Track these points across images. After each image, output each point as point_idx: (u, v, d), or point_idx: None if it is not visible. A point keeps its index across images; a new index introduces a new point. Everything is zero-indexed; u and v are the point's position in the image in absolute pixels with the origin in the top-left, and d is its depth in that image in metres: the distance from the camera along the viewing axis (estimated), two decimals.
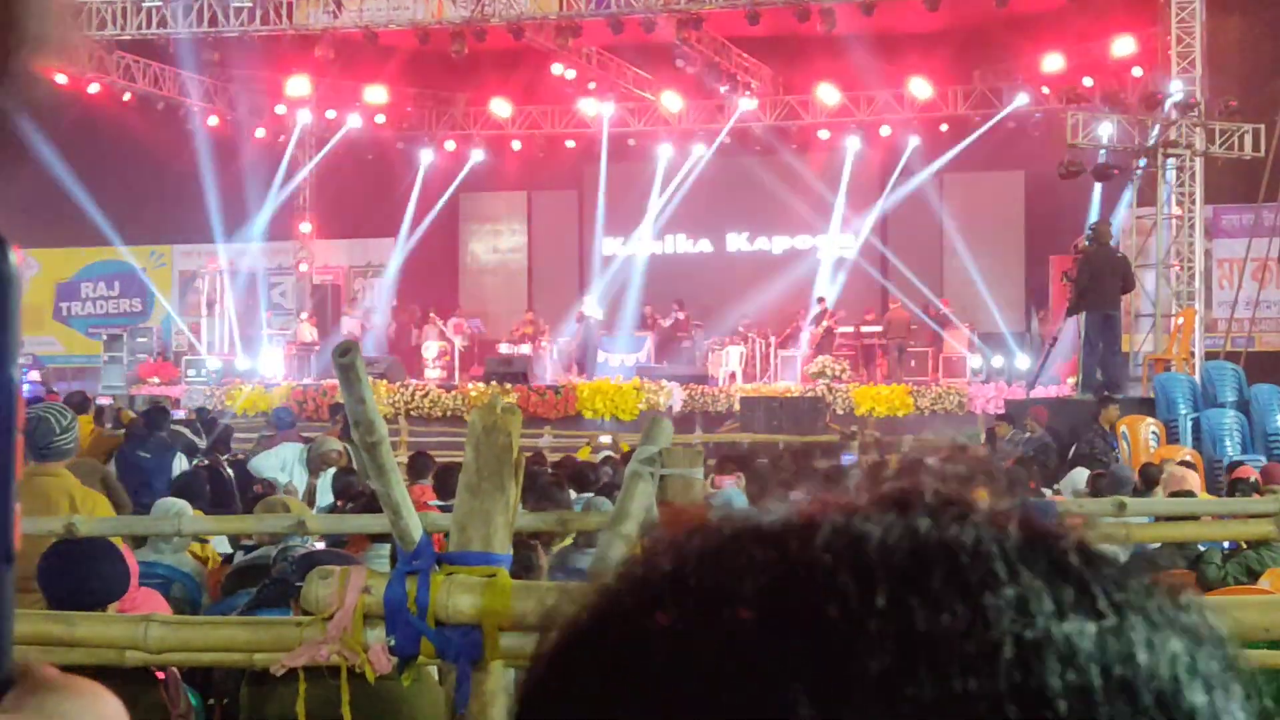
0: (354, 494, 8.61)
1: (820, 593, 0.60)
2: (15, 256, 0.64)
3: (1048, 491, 11.86)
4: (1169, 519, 5.73)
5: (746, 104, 27.43)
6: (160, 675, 4.25)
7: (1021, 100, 25.44)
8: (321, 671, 2.98)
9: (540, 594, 2.82)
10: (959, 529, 0.63)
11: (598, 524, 5.09)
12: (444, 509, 8.92)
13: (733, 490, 9.40)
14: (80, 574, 4.37)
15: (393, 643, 2.80)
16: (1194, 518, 5.70)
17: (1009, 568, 0.60)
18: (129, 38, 24.67)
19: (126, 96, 26.46)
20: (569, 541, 7.32)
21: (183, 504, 7.92)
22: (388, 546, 5.06)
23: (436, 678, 4.00)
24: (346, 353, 2.53)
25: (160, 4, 23.86)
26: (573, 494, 9.34)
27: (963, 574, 0.60)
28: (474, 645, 2.78)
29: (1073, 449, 14.98)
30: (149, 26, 24.23)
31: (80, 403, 13.18)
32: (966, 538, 0.62)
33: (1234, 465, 12.58)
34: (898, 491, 0.66)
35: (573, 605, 0.66)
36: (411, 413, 22.56)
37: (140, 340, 27.30)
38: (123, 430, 12.00)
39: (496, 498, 2.87)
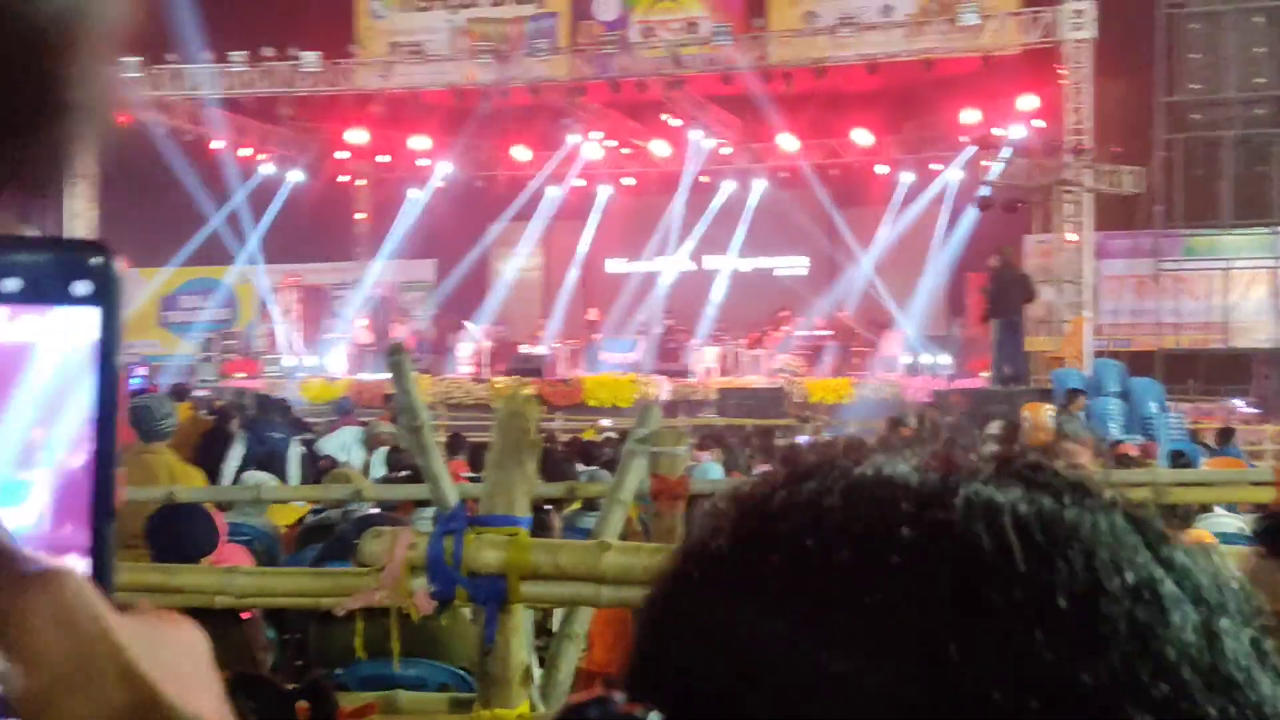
0: (402, 467, 8.59)
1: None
2: (122, 263, 0.64)
3: None
4: None
5: (723, 150, 27.42)
6: (245, 615, 4.25)
7: (945, 147, 25.43)
8: (376, 612, 2.98)
9: (553, 550, 2.81)
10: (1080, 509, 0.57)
11: (599, 492, 5.10)
12: (474, 480, 8.94)
13: (710, 463, 9.40)
14: (179, 532, 4.38)
15: (433, 589, 2.80)
16: None
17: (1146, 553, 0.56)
18: (218, 96, 24.63)
19: (218, 144, 26.42)
20: (577, 506, 7.33)
21: (265, 476, 7.92)
22: (430, 510, 5.08)
23: (470, 617, 3.99)
24: (396, 352, 2.53)
25: (244, 69, 23.83)
26: (580, 467, 9.34)
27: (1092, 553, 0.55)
28: (500, 591, 2.78)
29: (985, 429, 15.00)
30: (234, 88, 24.20)
31: (180, 393, 13.13)
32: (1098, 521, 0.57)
33: (1117, 443, 12.58)
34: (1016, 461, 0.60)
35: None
36: (448, 402, 22.53)
37: (228, 342, 27.29)
38: (214, 415, 11.95)
39: (517, 471, 2.86)
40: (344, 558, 5.80)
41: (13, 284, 0.61)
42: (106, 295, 0.62)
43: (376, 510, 6.23)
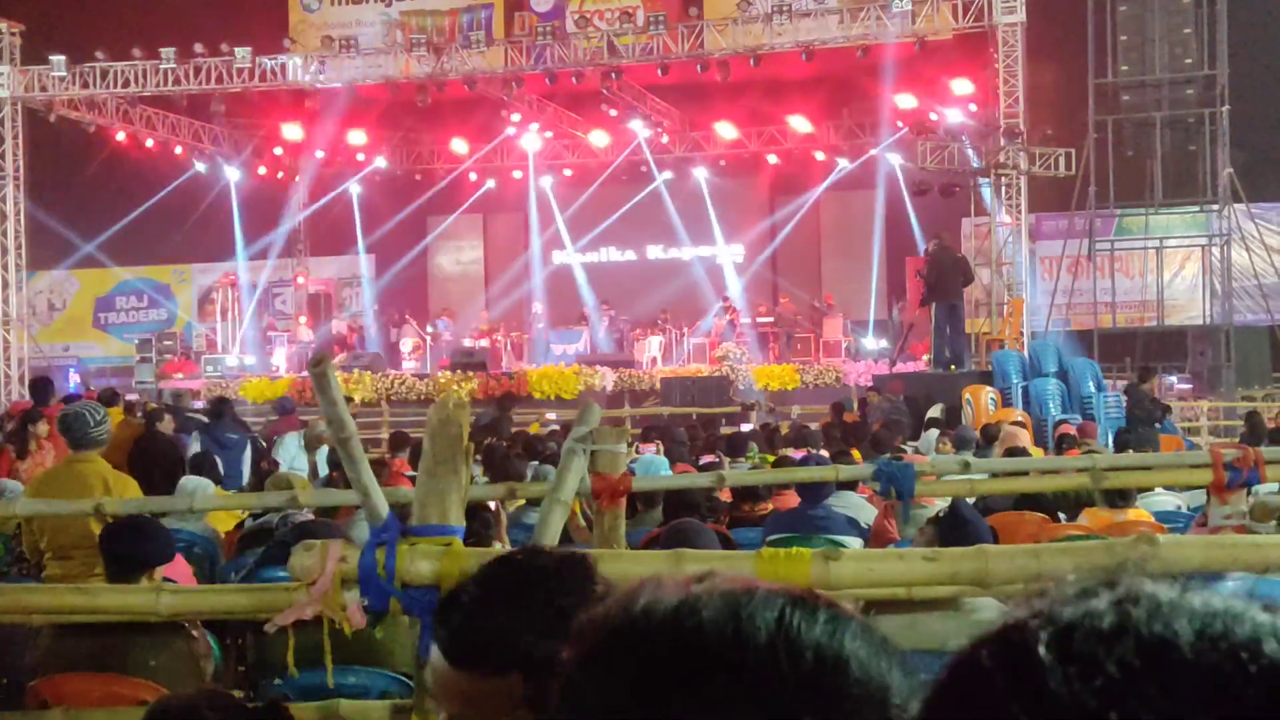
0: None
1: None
2: None
3: (909, 447, 11.95)
4: (1007, 474, 5.74)
5: (659, 138, 27.41)
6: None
7: (883, 131, 25.59)
8: (311, 622, 2.91)
9: (487, 559, 2.75)
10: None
11: (540, 492, 5.04)
12: (413, 478, 8.86)
13: (652, 455, 9.35)
14: (134, 546, 4.31)
15: (366, 602, 2.73)
16: (1024, 473, 5.74)
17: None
18: (149, 94, 24.26)
19: (149, 143, 26.03)
20: (521, 503, 7.27)
21: (201, 481, 7.78)
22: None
23: (407, 622, 3.92)
24: (319, 363, 2.46)
25: (174, 66, 23.44)
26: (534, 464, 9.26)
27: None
28: (434, 603, 2.71)
29: (927, 412, 15.07)
30: (165, 84, 23.81)
31: (110, 398, 12.87)
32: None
33: (1058, 423, 12.71)
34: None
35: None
36: (392, 398, 22.37)
37: (166, 343, 26.93)
38: (144, 419, 11.75)
39: (451, 479, 2.80)
40: (283, 562, 5.72)
41: None
42: None
43: (311, 517, 6.11)
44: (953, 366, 17.25)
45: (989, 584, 3.09)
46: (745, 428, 14.53)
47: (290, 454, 11.54)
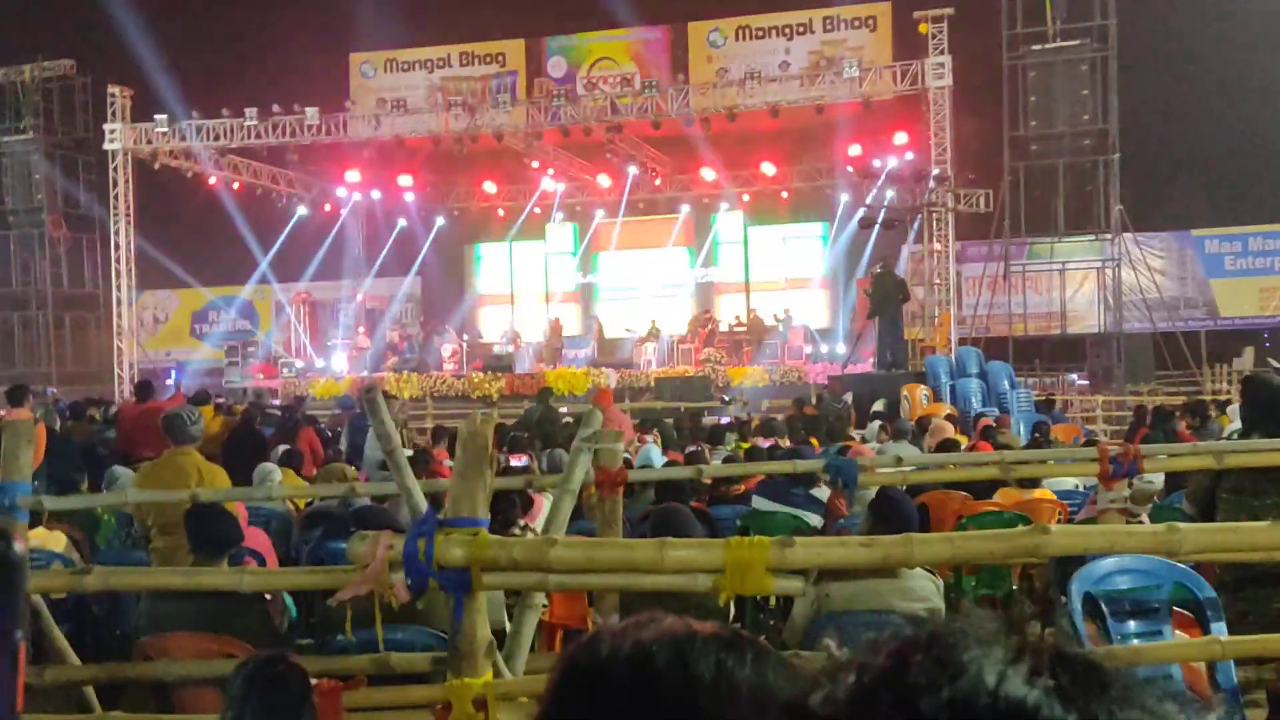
0: None
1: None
2: (20, 544, 0.60)
3: (857, 434, 11.97)
4: (934, 467, 5.74)
5: (653, 180, 27.41)
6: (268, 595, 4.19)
7: (837, 175, 25.60)
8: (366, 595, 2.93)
9: (508, 546, 2.77)
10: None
11: (552, 484, 5.06)
12: (453, 467, 8.86)
13: (651, 448, 9.32)
14: (209, 528, 4.33)
15: (409, 582, 2.75)
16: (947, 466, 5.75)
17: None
18: (236, 145, 24.25)
19: (236, 185, 26.01)
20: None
21: (271, 469, 7.77)
22: None
23: (444, 596, 3.94)
24: (370, 390, 2.48)
25: (256, 123, 23.45)
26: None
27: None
28: (465, 582, 2.73)
29: (872, 406, 15.04)
30: (249, 138, 23.81)
31: (203, 397, 12.84)
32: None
33: (979, 416, 12.68)
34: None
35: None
36: (434, 394, 22.34)
37: (250, 349, 26.89)
38: (240, 415, 11.74)
39: (477, 481, 2.81)
40: (342, 538, 5.74)
41: None
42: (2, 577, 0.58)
43: (368, 503, 6.13)
44: (893, 368, 17.26)
45: (914, 565, 3.11)
46: (724, 420, 14.50)
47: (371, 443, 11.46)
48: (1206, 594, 3.55)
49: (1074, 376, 22.48)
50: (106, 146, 24.50)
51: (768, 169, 25.94)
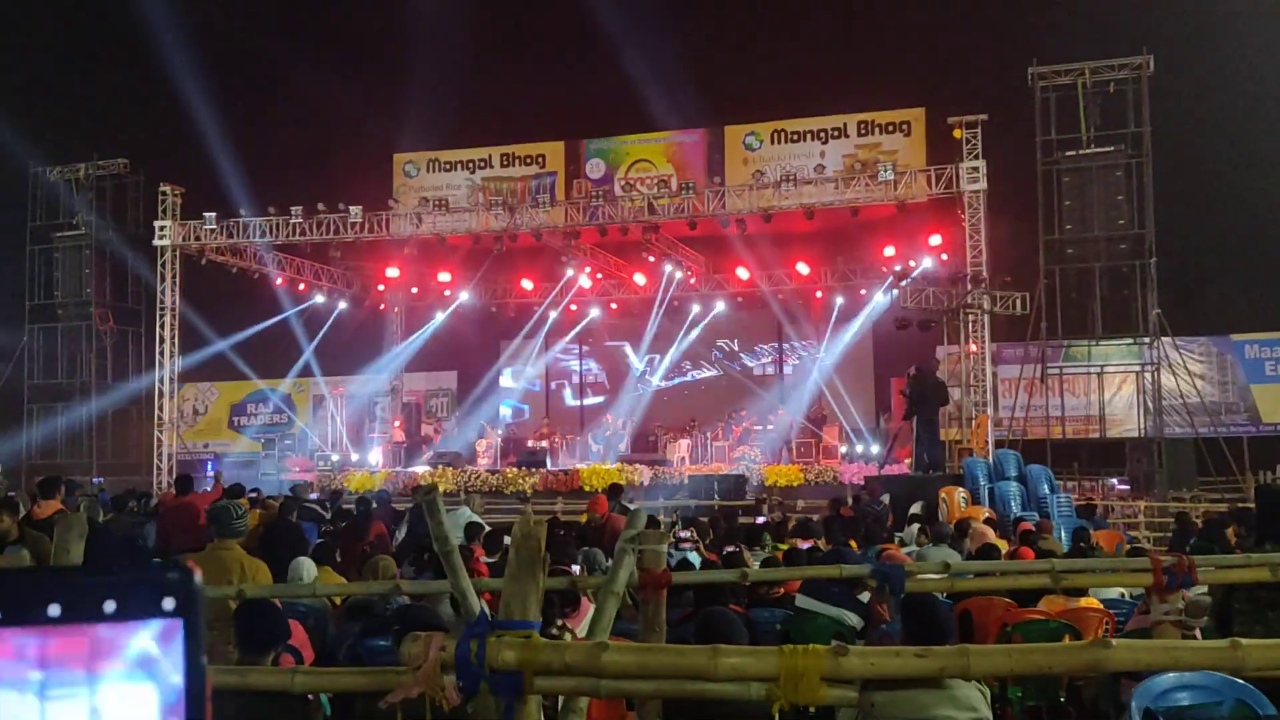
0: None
1: None
2: (199, 576, 0.63)
3: (896, 538, 11.79)
4: (980, 574, 5.66)
5: (689, 280, 27.70)
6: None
7: (871, 276, 25.73)
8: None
9: (561, 650, 2.76)
10: None
11: (595, 584, 5.03)
12: (489, 564, 8.82)
13: (690, 552, 9.23)
14: (258, 627, 4.35)
15: (461, 684, 2.74)
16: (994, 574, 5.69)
17: None
18: (280, 242, 24.75)
19: (279, 280, 26.47)
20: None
21: (306, 563, 7.75)
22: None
23: (494, 703, 3.90)
24: (429, 492, 2.51)
25: (301, 220, 23.97)
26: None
27: None
28: (516, 685, 2.72)
29: (910, 509, 14.86)
30: (294, 235, 24.32)
31: (238, 491, 12.91)
32: None
33: (1018, 520, 12.51)
34: None
35: None
36: (469, 488, 22.27)
37: (286, 442, 27.04)
38: (279, 507, 11.77)
39: (530, 584, 2.82)
40: (381, 635, 5.71)
41: (110, 605, 0.60)
42: (189, 608, 0.61)
43: (409, 601, 6.10)
44: (930, 470, 17.09)
45: (971, 677, 3.07)
46: (759, 520, 14.36)
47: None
48: (1268, 711, 3.46)
49: (1114, 481, 22.15)
50: (156, 242, 25.10)
51: (802, 269, 26.13)
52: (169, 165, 25.68)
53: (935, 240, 22.89)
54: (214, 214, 24.54)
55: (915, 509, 14.45)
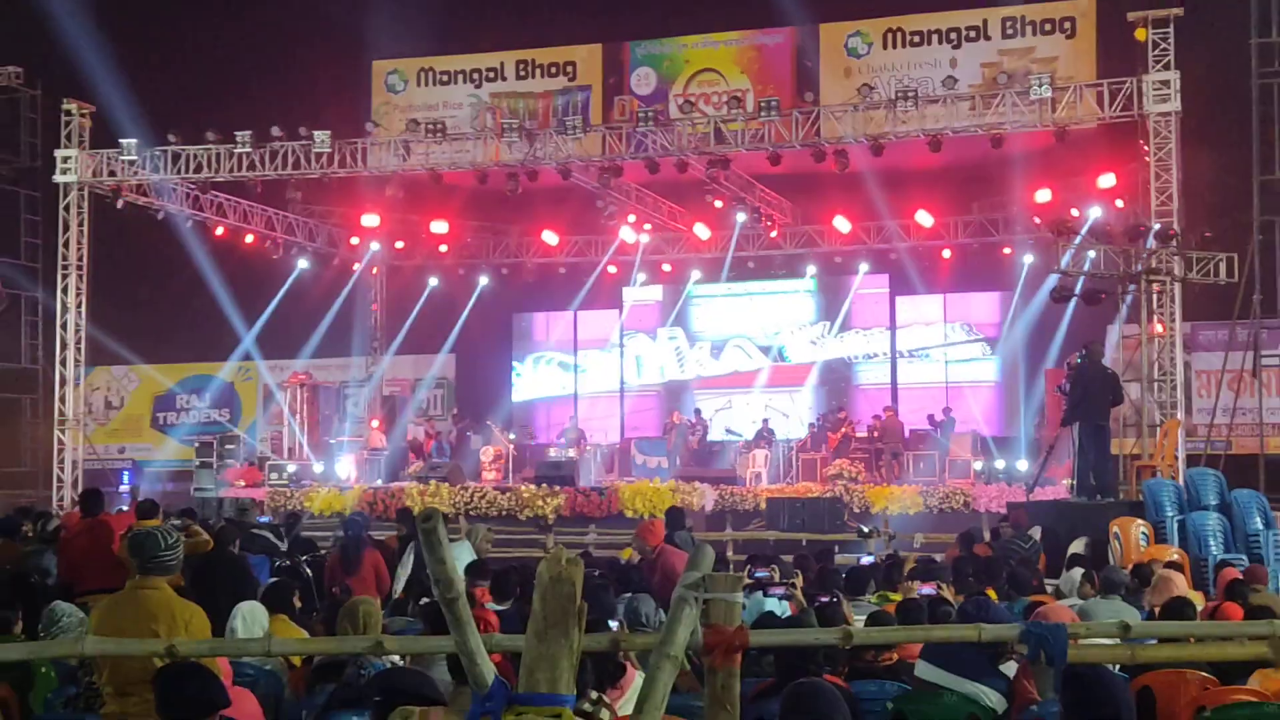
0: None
1: None
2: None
3: (1049, 586, 11.69)
4: (1168, 639, 5.61)
5: (768, 233, 27.63)
6: None
7: (1016, 230, 25.53)
8: None
9: None
10: None
11: (645, 645, 5.03)
12: (500, 613, 8.86)
13: (773, 600, 9.22)
14: (188, 694, 4.41)
15: None
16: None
17: None
18: (222, 179, 24.96)
19: (219, 231, 26.72)
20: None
21: (254, 608, 7.83)
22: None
23: None
24: (429, 519, 2.52)
25: (249, 150, 24.15)
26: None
27: None
28: None
29: (1069, 548, 14.75)
30: (239, 169, 24.53)
31: (149, 509, 13.03)
32: None
33: (1221, 565, 12.34)
34: None
35: None
36: (470, 513, 22.40)
37: (228, 447, 27.28)
38: (216, 536, 11.89)
39: (561, 644, 2.83)
40: (355, 706, 5.76)
41: None
42: None
43: (397, 663, 6.14)
44: (1098, 495, 16.91)
45: None
46: (864, 560, 14.32)
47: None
48: None
49: None
50: (58, 178, 25.43)
51: (924, 219, 25.95)
52: (75, 77, 25.95)
53: (1107, 181, 22.59)
54: (133, 141, 24.79)
55: (1077, 547, 14.34)
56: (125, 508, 16.49)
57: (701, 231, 27.79)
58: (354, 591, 10.28)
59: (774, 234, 27.78)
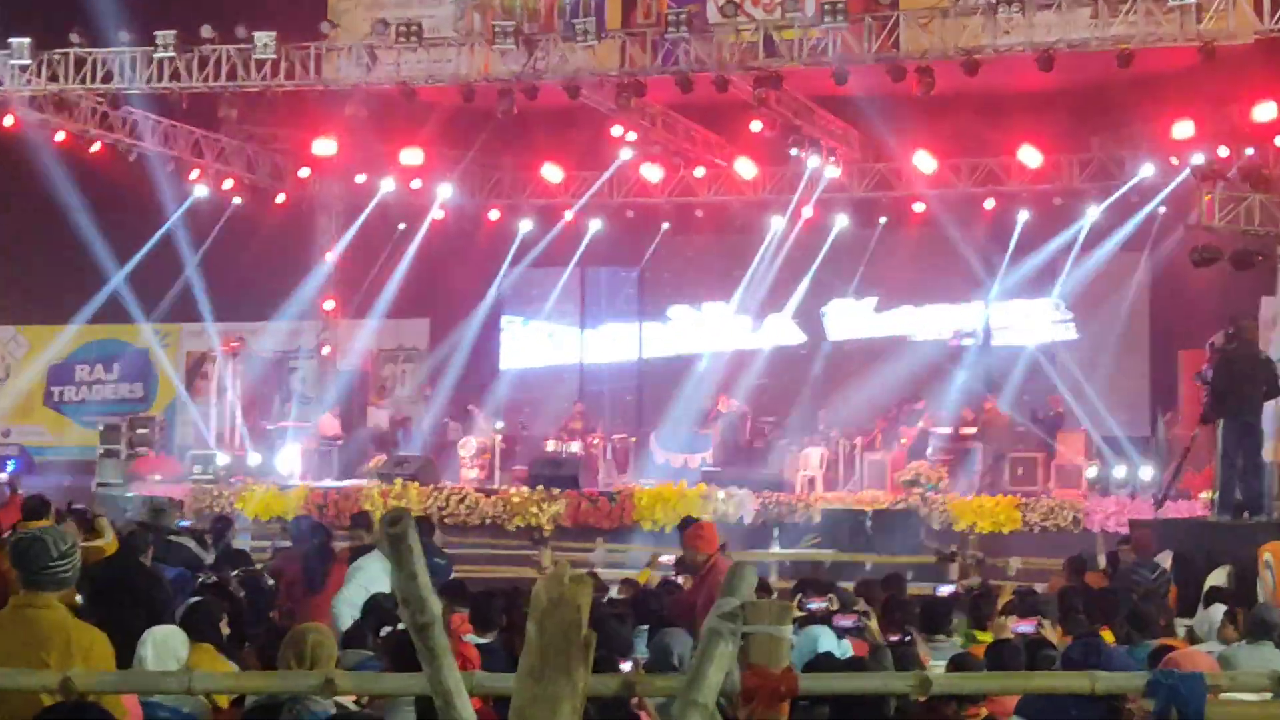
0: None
1: None
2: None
3: (1181, 626, 11.68)
4: None
5: (831, 172, 27.51)
6: None
7: (1148, 172, 25.39)
8: None
9: None
10: None
11: (667, 690, 5.04)
12: (482, 646, 8.90)
13: (824, 632, 9.24)
14: None
15: None
16: None
17: None
18: (137, 91, 24.94)
19: (132, 156, 26.71)
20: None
21: (170, 632, 7.87)
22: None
23: None
24: (398, 522, 2.52)
25: (173, 56, 24.09)
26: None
27: None
28: None
29: (1207, 578, 14.72)
30: (160, 79, 24.48)
31: (37, 507, 13.11)
32: None
33: None
34: None
35: None
36: (446, 520, 22.43)
37: (140, 431, 27.31)
38: (122, 542, 11.97)
39: (563, 684, 2.83)
40: None
41: None
42: None
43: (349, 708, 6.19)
44: (1246, 512, 16.89)
45: None
46: (944, 589, 14.34)
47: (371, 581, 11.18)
48: None
49: None
50: None
51: (1029, 158, 25.87)
52: None
53: (1266, 113, 22.47)
54: (27, 41, 24.81)
55: (1218, 579, 14.34)
56: (4, 503, 16.52)
57: (745, 169, 27.71)
58: (313, 615, 10.27)
59: (837, 172, 27.65)
